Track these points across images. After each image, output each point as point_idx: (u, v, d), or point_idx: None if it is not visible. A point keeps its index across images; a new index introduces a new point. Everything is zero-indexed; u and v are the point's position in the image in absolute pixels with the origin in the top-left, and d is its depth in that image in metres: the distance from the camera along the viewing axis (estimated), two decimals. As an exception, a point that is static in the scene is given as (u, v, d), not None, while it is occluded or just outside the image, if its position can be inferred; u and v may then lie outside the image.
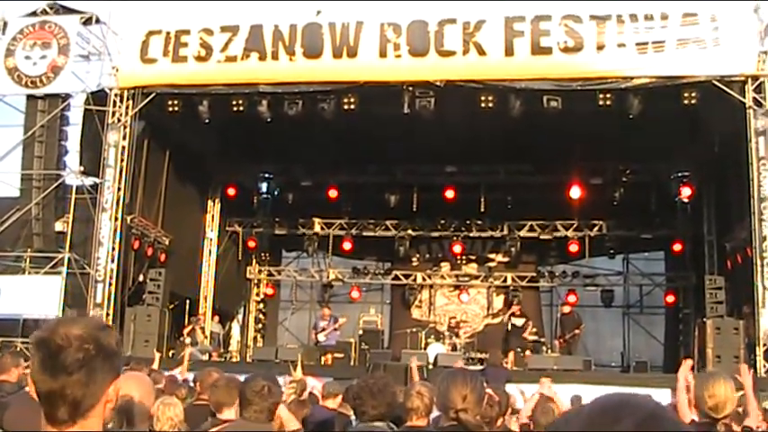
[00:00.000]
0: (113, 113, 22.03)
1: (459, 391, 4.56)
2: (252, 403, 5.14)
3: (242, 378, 18.13)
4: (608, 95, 20.31)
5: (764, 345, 19.06)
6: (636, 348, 29.11)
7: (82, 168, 22.24)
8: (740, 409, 6.15)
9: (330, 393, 9.24)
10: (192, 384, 12.39)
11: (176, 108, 22.02)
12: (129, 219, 22.46)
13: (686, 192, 25.79)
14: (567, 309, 24.64)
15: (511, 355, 22.88)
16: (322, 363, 23.60)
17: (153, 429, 6.25)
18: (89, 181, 22.18)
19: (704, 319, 20.93)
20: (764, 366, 18.98)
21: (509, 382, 17.09)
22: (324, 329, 24.51)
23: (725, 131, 21.68)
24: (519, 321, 25.77)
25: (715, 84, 19.72)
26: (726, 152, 22.27)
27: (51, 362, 2.44)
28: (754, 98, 19.70)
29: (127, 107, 22.08)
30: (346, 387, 10.16)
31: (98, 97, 22.29)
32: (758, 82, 19.77)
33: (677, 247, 27.95)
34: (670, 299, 28.88)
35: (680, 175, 25.94)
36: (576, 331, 23.82)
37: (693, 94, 19.90)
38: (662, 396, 17.63)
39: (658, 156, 24.66)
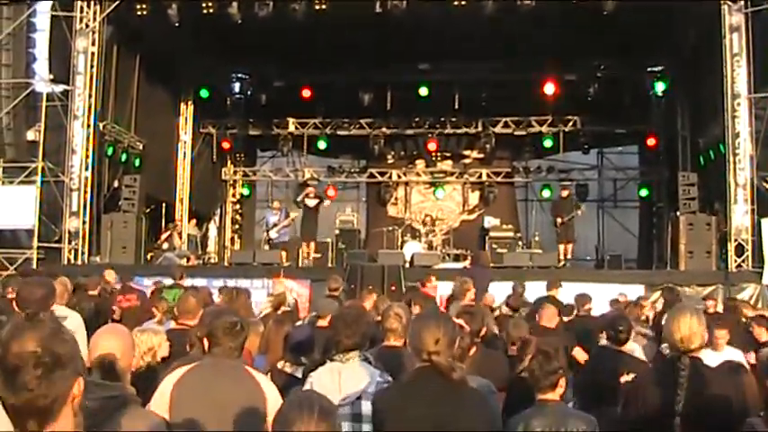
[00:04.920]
0: (81, 19, 21.68)
1: (432, 334, 4.61)
2: (220, 342, 5.16)
3: (221, 283, 18.28)
4: (582, -8, 20.13)
5: (735, 240, 19.32)
6: (610, 241, 29.54)
7: (51, 76, 21.83)
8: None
9: (323, 314, 9.21)
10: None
11: (145, 12, 21.60)
12: (101, 125, 22.32)
13: (660, 86, 25.81)
14: (565, 193, 24.87)
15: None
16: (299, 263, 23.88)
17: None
18: (59, 88, 21.76)
19: (677, 214, 21.13)
20: (735, 261, 19.27)
21: (492, 281, 17.35)
22: (275, 225, 24.29)
23: (700, 27, 21.58)
24: (494, 221, 26.03)
25: (690, -21, 19.59)
26: (700, 48, 22.23)
27: (10, 381, 2.46)
28: (729, -7, 19.58)
29: (94, 12, 21.72)
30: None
31: (64, 3, 21.81)
32: (733, -23, 19.63)
33: (651, 141, 28.11)
34: (644, 193, 29.12)
35: (654, 69, 25.87)
36: (578, 212, 24.12)
37: (668, -10, 19.76)
38: (635, 291, 17.99)
39: (632, 51, 24.50)
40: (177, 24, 21.70)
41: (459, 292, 12.37)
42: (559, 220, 23.95)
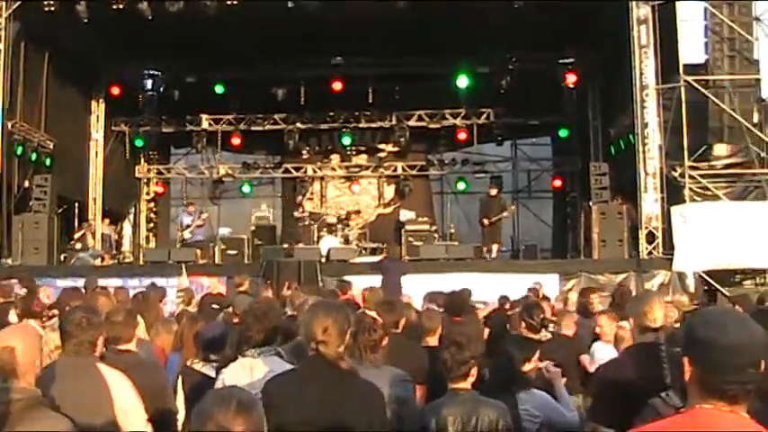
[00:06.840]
0: (-15, 17, 21.25)
1: (321, 323, 4.63)
2: (72, 336, 5.10)
3: (137, 282, 18.15)
4: (495, -16, 20.33)
5: (646, 228, 19.71)
6: (526, 232, 29.78)
7: (-45, 75, 21.42)
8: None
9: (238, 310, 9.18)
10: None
11: (53, 8, 21.14)
12: (9, 124, 21.83)
13: (571, 78, 26.19)
14: (493, 191, 24.49)
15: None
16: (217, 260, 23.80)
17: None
18: (-35, 88, 21.37)
19: (590, 204, 21.44)
20: (647, 249, 19.65)
21: (405, 274, 17.44)
22: (188, 226, 24.47)
23: (609, 19, 21.90)
24: (409, 214, 26.10)
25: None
26: (610, 40, 22.58)
27: None
28: (637, -14, 19.90)
29: (0, 9, 21.26)
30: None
31: (-32, 0, 21.39)
32: (641, -29, 19.95)
33: (563, 132, 28.53)
34: (557, 183, 29.58)
35: (565, 61, 26.23)
36: (504, 214, 23.92)
37: (579, -17, 20.03)
38: (551, 281, 18.28)
39: (544, 44, 24.79)
40: (86, 21, 21.38)
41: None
42: (486, 221, 23.46)
